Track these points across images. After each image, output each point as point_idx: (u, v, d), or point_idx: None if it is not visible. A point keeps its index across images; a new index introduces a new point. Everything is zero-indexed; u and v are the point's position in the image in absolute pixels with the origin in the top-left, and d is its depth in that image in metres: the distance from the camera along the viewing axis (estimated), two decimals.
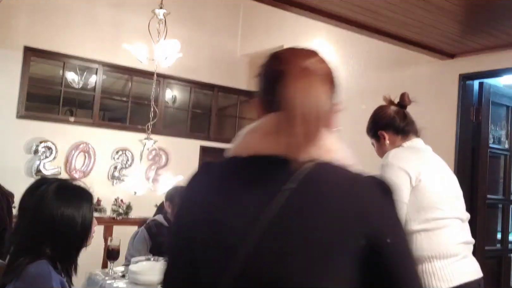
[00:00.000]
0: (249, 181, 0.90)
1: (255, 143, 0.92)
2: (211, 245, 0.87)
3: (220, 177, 0.94)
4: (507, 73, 3.80)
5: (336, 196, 0.87)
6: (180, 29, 5.47)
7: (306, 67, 0.98)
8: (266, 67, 1.02)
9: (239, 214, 0.86)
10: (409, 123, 2.02)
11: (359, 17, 3.20)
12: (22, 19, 5.25)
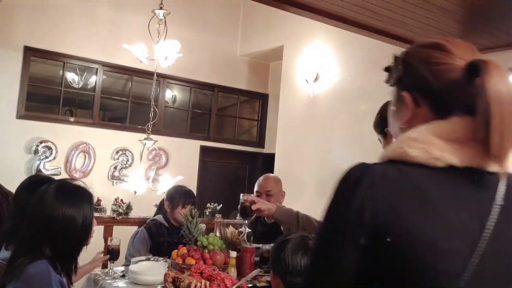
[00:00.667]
0: (454, 198, 0.81)
1: (452, 153, 0.81)
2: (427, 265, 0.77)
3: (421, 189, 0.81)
4: None
5: None
6: (180, 29, 5.48)
7: (492, 61, 0.86)
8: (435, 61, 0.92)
9: (456, 235, 0.78)
10: None
11: (359, 17, 3.20)
12: (22, 19, 5.25)
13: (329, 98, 5.07)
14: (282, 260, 1.55)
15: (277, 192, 2.97)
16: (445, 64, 0.90)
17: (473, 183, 0.81)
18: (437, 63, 0.91)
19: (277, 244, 1.63)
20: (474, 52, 0.93)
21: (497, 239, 0.79)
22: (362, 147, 4.55)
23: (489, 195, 0.81)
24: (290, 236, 1.64)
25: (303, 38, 5.49)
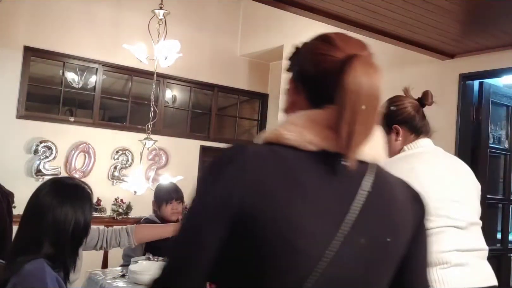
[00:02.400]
0: (324, 180, 0.84)
1: (321, 138, 0.84)
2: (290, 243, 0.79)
3: (292, 169, 0.83)
4: (507, 73, 3.80)
5: (400, 202, 0.90)
6: (180, 29, 5.48)
7: (369, 56, 0.92)
8: (317, 52, 0.95)
9: (320, 216, 0.81)
10: (425, 123, 1.89)
11: (359, 17, 3.20)
12: (22, 19, 5.25)
13: None
14: None
15: None
16: (325, 55, 0.92)
17: (345, 169, 0.83)
18: (318, 54, 0.94)
19: None
20: (363, 48, 0.98)
21: (362, 224, 0.82)
22: None
23: (357, 181, 0.85)
24: None
25: (303, 38, 5.48)
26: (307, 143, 0.84)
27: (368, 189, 0.84)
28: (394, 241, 0.87)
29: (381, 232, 0.86)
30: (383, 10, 3.01)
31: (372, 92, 0.83)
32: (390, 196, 0.89)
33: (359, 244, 0.83)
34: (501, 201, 3.96)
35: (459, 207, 1.73)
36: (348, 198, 0.83)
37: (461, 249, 1.66)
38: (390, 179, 0.92)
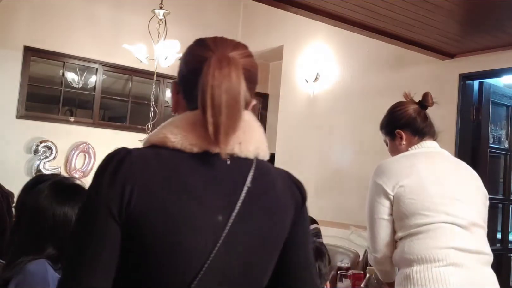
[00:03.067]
0: (208, 180, 0.89)
1: (202, 139, 0.89)
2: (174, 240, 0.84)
3: (176, 171, 0.88)
4: (507, 73, 3.80)
5: (277, 190, 0.97)
6: (180, 29, 5.47)
7: (231, 56, 0.96)
8: (191, 53, 1.01)
9: (204, 214, 0.87)
10: (428, 125, 1.91)
11: (359, 17, 3.20)
12: (22, 19, 5.24)
13: (329, 98, 5.07)
14: None
15: None
16: (194, 55, 0.99)
17: (227, 167, 0.90)
18: (190, 54, 1.01)
19: None
20: (236, 49, 1.03)
21: (244, 219, 0.88)
22: (362, 147, 4.55)
23: (241, 178, 0.91)
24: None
25: (303, 38, 5.49)
26: (191, 146, 0.89)
27: (248, 185, 0.90)
28: (275, 229, 0.94)
29: (263, 223, 0.92)
30: (383, 10, 3.01)
31: (229, 88, 0.88)
32: (269, 187, 0.96)
33: (243, 236, 0.89)
34: (501, 201, 3.96)
35: (461, 205, 1.72)
36: (232, 195, 0.89)
37: (458, 248, 1.65)
38: (270, 171, 0.98)
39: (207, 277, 0.85)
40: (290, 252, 0.99)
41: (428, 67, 4.11)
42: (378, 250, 1.78)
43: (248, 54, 1.04)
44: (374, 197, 1.78)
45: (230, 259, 0.88)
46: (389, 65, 4.47)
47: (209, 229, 0.86)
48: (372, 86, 4.58)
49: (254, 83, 1.02)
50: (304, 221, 1.03)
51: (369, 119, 4.42)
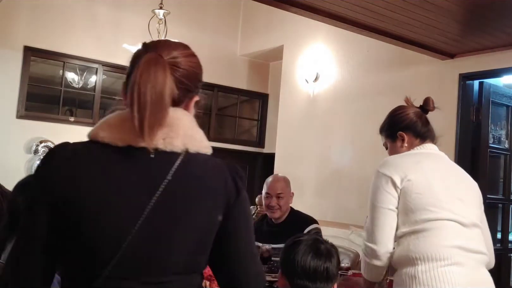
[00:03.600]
0: (129, 172, 0.98)
1: (128, 135, 0.98)
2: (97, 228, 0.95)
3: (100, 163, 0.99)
4: (507, 73, 3.80)
5: (204, 182, 1.02)
6: (180, 29, 5.47)
7: (159, 56, 1.01)
8: (133, 55, 1.07)
9: (122, 205, 0.96)
10: (429, 129, 1.92)
11: (359, 17, 3.20)
12: (22, 19, 5.25)
13: (329, 98, 5.07)
14: (291, 261, 1.55)
15: (287, 194, 2.94)
16: (133, 57, 1.06)
17: (151, 160, 0.98)
18: (134, 55, 1.07)
19: (288, 245, 1.63)
20: (173, 49, 1.06)
21: (162, 209, 0.96)
22: (362, 147, 4.55)
23: (164, 171, 0.98)
24: (302, 238, 1.63)
25: (303, 38, 5.49)
26: (116, 140, 0.99)
27: (169, 178, 0.97)
28: (196, 219, 0.99)
29: (182, 213, 0.98)
30: (383, 10, 3.01)
31: (154, 86, 0.96)
32: (193, 180, 1.01)
33: (160, 224, 0.96)
34: (501, 201, 3.96)
35: (463, 205, 1.73)
36: (152, 187, 0.96)
37: (461, 247, 1.65)
38: (200, 164, 1.03)
39: (123, 261, 0.94)
40: (227, 243, 1.05)
41: (428, 67, 4.11)
42: (380, 243, 1.71)
43: (187, 54, 1.09)
44: (382, 186, 1.73)
45: (146, 246, 0.96)
46: (389, 65, 4.47)
47: (127, 217, 0.95)
48: (372, 86, 4.58)
49: (194, 80, 1.09)
50: (240, 214, 1.06)
51: (369, 119, 4.42)
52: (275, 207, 2.90)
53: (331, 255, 1.57)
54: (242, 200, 1.06)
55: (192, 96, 1.10)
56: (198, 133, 1.06)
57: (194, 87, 1.10)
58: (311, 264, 1.52)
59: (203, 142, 1.05)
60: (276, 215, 2.92)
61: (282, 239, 2.86)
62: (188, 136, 1.02)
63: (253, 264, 1.09)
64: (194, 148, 1.02)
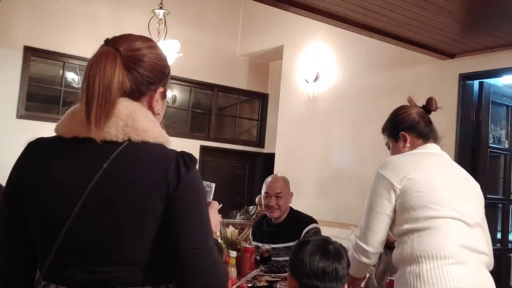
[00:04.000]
0: (71, 162, 1.04)
1: (74, 126, 1.05)
2: (40, 216, 1.04)
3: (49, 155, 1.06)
4: (507, 73, 3.80)
5: (141, 169, 1.02)
6: (180, 29, 5.47)
7: (110, 49, 1.06)
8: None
9: (62, 193, 1.02)
10: (432, 129, 1.92)
11: (359, 17, 3.20)
12: (22, 19, 5.24)
13: (329, 98, 5.07)
14: (300, 261, 1.53)
15: (286, 194, 2.95)
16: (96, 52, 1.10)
17: (92, 150, 1.02)
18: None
19: (296, 245, 1.61)
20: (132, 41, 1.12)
21: (98, 196, 1.00)
22: (362, 147, 4.55)
23: (102, 160, 1.01)
24: (311, 238, 1.61)
25: (303, 38, 5.49)
26: (66, 132, 1.05)
27: (104, 166, 1.00)
28: (132, 206, 1.00)
29: (118, 200, 1.00)
30: (383, 10, 3.01)
31: (102, 78, 1.00)
32: (130, 169, 1.02)
33: (96, 212, 1.00)
34: (501, 201, 3.96)
35: (467, 204, 1.73)
36: (90, 176, 1.00)
37: (465, 246, 1.65)
38: (141, 153, 1.04)
39: (65, 248, 1.00)
40: (170, 237, 1.02)
41: (428, 67, 4.11)
42: (371, 244, 1.75)
43: (148, 46, 1.11)
44: (379, 190, 1.75)
45: (83, 233, 1.00)
46: (389, 65, 4.47)
47: (63, 206, 1.00)
48: (372, 86, 4.58)
49: (155, 72, 1.10)
50: (182, 205, 1.03)
51: (369, 119, 4.42)
52: (274, 207, 2.90)
53: (340, 256, 1.55)
54: (185, 190, 1.03)
55: (156, 88, 1.11)
56: (146, 123, 1.06)
57: (157, 79, 1.11)
58: (319, 264, 1.51)
59: (150, 132, 1.05)
60: (275, 215, 2.92)
61: (282, 239, 2.88)
62: (130, 126, 1.03)
63: (200, 261, 1.03)
64: (138, 137, 1.03)
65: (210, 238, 1.07)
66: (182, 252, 1.02)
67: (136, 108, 1.06)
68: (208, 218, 1.08)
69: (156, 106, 1.13)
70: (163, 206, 1.01)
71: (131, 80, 1.06)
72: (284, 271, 2.58)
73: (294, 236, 2.83)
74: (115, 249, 1.00)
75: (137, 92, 1.08)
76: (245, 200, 6.58)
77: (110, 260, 1.01)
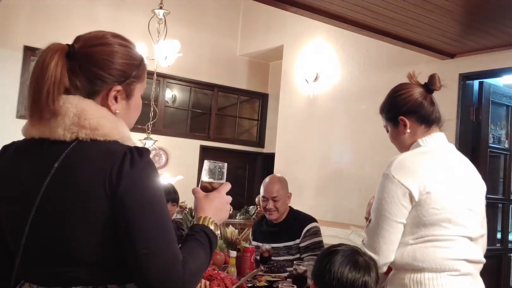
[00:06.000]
0: (28, 163, 1.04)
1: (30, 127, 1.05)
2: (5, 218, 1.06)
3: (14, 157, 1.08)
4: (507, 73, 3.80)
5: (87, 169, 1.01)
6: (180, 29, 5.48)
7: (56, 45, 1.04)
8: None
9: (20, 196, 1.03)
10: (435, 111, 1.70)
11: (359, 17, 3.20)
12: (22, 19, 5.25)
13: (329, 98, 5.07)
14: (327, 272, 1.44)
15: (283, 196, 2.91)
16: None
17: (42, 150, 1.03)
18: None
19: (323, 254, 1.52)
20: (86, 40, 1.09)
21: (52, 195, 1.00)
22: (362, 147, 4.55)
23: (53, 159, 1.01)
24: (339, 248, 1.51)
25: (303, 38, 5.49)
26: (25, 133, 1.07)
27: (56, 165, 1.00)
28: (81, 203, 0.99)
29: (68, 197, 0.99)
30: (383, 10, 3.01)
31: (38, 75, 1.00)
32: (79, 166, 1.01)
33: (52, 211, 1.00)
34: (501, 201, 3.96)
35: (473, 216, 1.65)
36: (42, 175, 1.00)
37: (468, 260, 1.61)
38: (89, 151, 1.02)
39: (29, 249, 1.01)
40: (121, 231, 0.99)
41: (428, 67, 4.10)
42: (382, 254, 1.59)
43: (101, 43, 1.08)
44: (398, 198, 1.56)
45: (42, 234, 1.00)
46: (389, 65, 4.47)
47: (22, 209, 1.01)
48: (372, 86, 4.58)
49: (108, 69, 1.07)
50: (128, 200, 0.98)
51: (369, 119, 4.42)
52: (272, 210, 2.89)
53: (370, 269, 1.47)
54: (128, 187, 0.99)
55: (111, 87, 1.08)
56: (95, 121, 1.03)
57: (111, 77, 1.08)
58: (348, 276, 1.42)
59: (100, 130, 1.03)
60: (274, 217, 2.92)
61: (281, 239, 2.88)
62: (77, 124, 1.02)
63: (152, 261, 0.97)
64: (86, 136, 1.02)
65: (161, 235, 1.00)
66: (133, 252, 0.98)
67: (86, 106, 1.04)
68: (161, 213, 1.02)
69: (112, 105, 1.09)
70: (110, 204, 0.98)
71: (81, 77, 1.04)
72: (284, 271, 2.58)
73: (294, 235, 2.83)
74: (72, 249, 1.00)
75: (89, 90, 1.06)
76: (245, 200, 6.59)
77: (69, 260, 1.01)
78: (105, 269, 1.02)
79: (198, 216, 1.17)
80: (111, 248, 1.01)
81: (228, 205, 1.29)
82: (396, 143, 1.78)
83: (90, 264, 1.01)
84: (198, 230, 1.12)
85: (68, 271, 1.01)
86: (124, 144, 1.06)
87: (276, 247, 2.82)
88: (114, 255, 1.01)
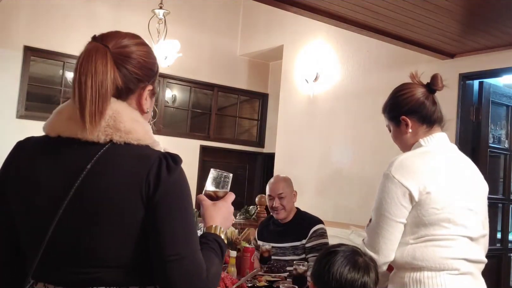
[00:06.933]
0: (54, 161, 1.03)
1: (59, 125, 1.04)
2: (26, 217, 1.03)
3: (34, 154, 1.06)
4: (507, 73, 3.80)
5: (122, 172, 1.01)
6: (180, 29, 5.48)
7: (100, 46, 1.04)
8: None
9: (45, 194, 1.01)
10: (436, 110, 1.71)
11: (359, 17, 3.20)
12: (22, 19, 5.25)
13: (329, 98, 5.07)
14: (326, 272, 1.44)
15: (289, 194, 2.94)
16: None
17: (74, 150, 1.02)
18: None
19: (323, 254, 1.52)
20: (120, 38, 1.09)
21: (81, 197, 0.99)
22: (362, 147, 4.55)
23: (86, 161, 1.00)
24: (339, 248, 1.51)
25: (303, 38, 5.49)
26: (50, 131, 1.05)
27: (88, 167, 0.99)
28: (113, 207, 0.99)
29: (99, 201, 0.99)
30: (383, 10, 3.01)
31: (94, 75, 0.99)
32: (112, 170, 1.01)
33: (80, 213, 0.99)
34: (501, 201, 3.96)
35: (473, 216, 1.65)
36: (73, 176, 0.99)
37: (468, 259, 1.61)
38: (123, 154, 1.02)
39: (52, 249, 0.99)
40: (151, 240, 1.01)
41: (428, 67, 4.10)
42: (382, 254, 1.60)
43: (136, 43, 1.10)
44: (398, 198, 1.58)
45: (68, 233, 0.99)
46: (389, 65, 4.47)
47: (47, 210, 0.99)
48: (372, 86, 4.58)
49: (144, 69, 1.09)
50: (164, 206, 1.00)
51: (369, 119, 4.42)
52: (278, 208, 2.90)
53: (369, 270, 1.47)
54: (165, 194, 1.01)
55: (145, 86, 1.10)
56: (129, 124, 1.03)
57: (146, 76, 1.10)
58: (347, 277, 1.42)
59: (133, 133, 1.03)
60: (281, 216, 2.92)
61: (288, 239, 2.88)
62: (112, 127, 1.02)
63: (181, 266, 1.00)
64: (120, 139, 1.02)
65: (191, 242, 1.03)
66: (163, 257, 1.00)
67: (121, 108, 1.05)
68: (191, 220, 1.04)
69: (145, 104, 1.11)
70: (144, 208, 1.00)
71: (120, 77, 1.04)
72: (284, 271, 2.58)
73: (300, 236, 2.84)
74: (98, 250, 1.00)
75: (126, 90, 1.06)
76: (245, 200, 6.58)
77: (94, 261, 1.00)
78: (128, 271, 1.02)
79: (209, 225, 1.19)
80: (137, 251, 1.01)
81: (232, 215, 1.30)
82: (398, 142, 1.80)
83: (114, 266, 1.01)
84: (211, 240, 1.14)
85: (91, 272, 1.00)
86: (155, 149, 1.07)
87: (283, 247, 2.82)
88: (139, 258, 1.02)
